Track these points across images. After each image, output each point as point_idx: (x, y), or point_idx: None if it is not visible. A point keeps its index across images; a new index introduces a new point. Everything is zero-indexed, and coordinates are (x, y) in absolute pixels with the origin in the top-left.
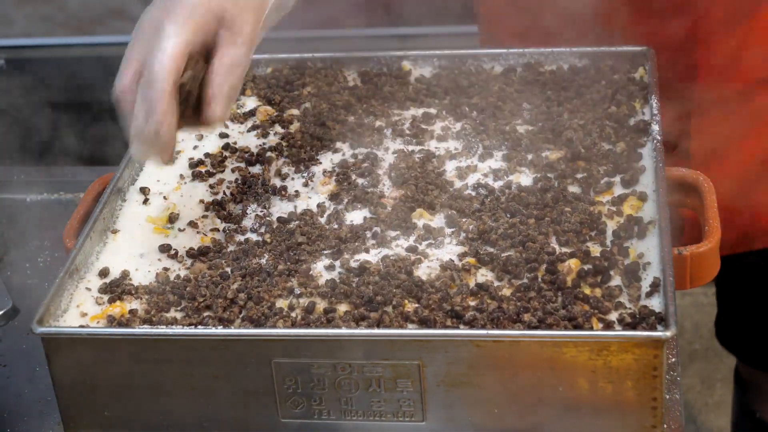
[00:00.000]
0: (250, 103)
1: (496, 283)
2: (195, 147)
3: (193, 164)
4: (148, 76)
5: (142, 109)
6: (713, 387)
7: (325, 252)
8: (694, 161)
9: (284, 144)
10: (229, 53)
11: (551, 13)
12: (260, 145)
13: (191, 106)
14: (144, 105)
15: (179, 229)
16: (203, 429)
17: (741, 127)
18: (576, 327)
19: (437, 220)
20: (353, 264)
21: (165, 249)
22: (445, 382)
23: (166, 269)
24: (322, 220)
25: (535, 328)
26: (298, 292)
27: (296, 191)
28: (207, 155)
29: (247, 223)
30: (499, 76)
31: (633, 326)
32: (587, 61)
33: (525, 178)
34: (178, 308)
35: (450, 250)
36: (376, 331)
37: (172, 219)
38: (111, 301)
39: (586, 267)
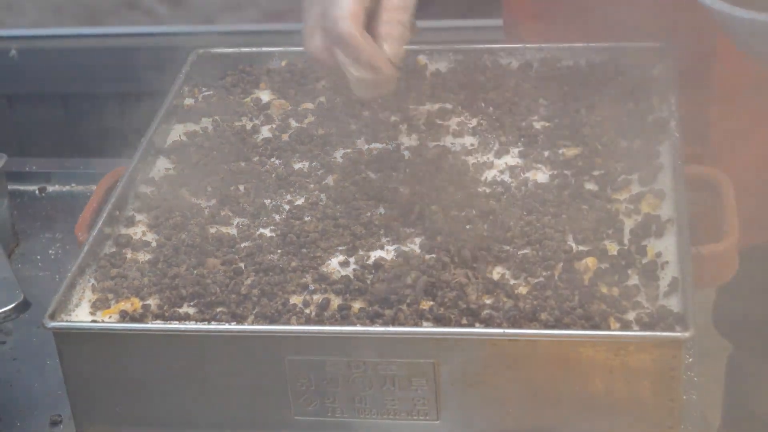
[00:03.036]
0: (265, 96)
1: (512, 281)
2: (208, 139)
3: (207, 156)
4: (337, 31)
5: (348, 61)
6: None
7: (340, 248)
8: (712, 150)
9: (298, 138)
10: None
11: None
12: (274, 139)
13: None
14: (349, 55)
15: (192, 222)
16: (215, 426)
17: (762, 115)
18: (593, 326)
19: (452, 217)
20: (368, 260)
21: (178, 243)
22: (460, 381)
23: (178, 264)
24: (337, 215)
25: (552, 327)
26: (312, 288)
27: (310, 186)
28: (220, 145)
29: (261, 218)
30: (516, 71)
31: (651, 326)
32: (605, 57)
33: (541, 175)
34: (191, 303)
35: (465, 248)
36: (390, 329)
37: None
38: (123, 295)
39: (603, 266)
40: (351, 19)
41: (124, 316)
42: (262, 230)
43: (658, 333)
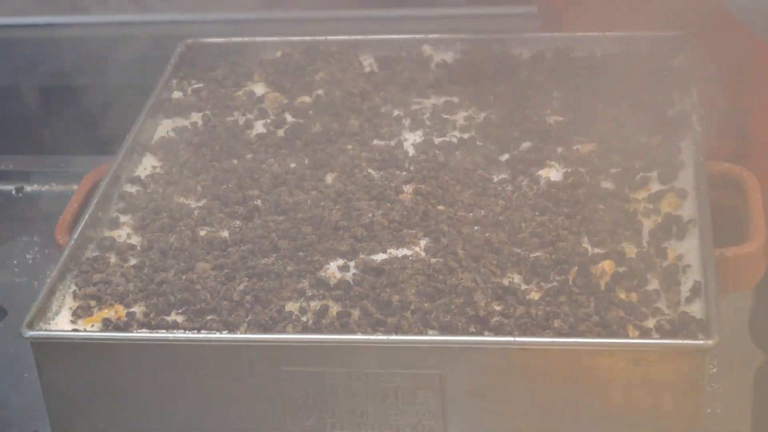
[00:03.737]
0: (258, 89)
1: (523, 286)
2: (198, 135)
3: (197, 153)
4: None
5: None
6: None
7: (339, 251)
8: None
9: (295, 134)
10: None
11: None
12: (268, 135)
13: None
14: None
15: (180, 224)
16: None
17: None
18: (610, 334)
19: (460, 218)
20: (369, 264)
21: (166, 246)
22: (469, 393)
23: (166, 268)
24: (336, 217)
25: (566, 335)
26: (310, 294)
27: (307, 185)
28: (211, 141)
29: (255, 219)
30: (527, 62)
31: (672, 334)
32: (622, 47)
33: (555, 173)
34: (180, 311)
35: (473, 250)
36: (393, 337)
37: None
38: (106, 302)
39: (620, 269)
40: None
41: (108, 324)
42: (255, 232)
43: (680, 341)
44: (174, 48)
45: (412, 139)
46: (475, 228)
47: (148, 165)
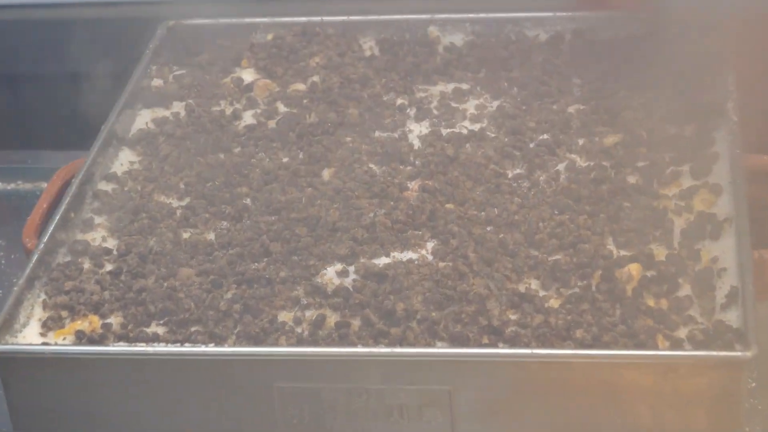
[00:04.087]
0: (247, 76)
1: (541, 293)
2: (181, 127)
3: (179, 147)
4: None
5: None
6: None
7: (337, 255)
8: None
9: (288, 125)
10: None
11: None
12: (258, 126)
13: None
14: None
15: (161, 225)
16: None
17: None
18: (638, 345)
19: (471, 217)
20: (370, 269)
21: (145, 250)
22: (481, 411)
23: (145, 275)
24: (333, 217)
25: (589, 346)
26: (305, 302)
27: (302, 182)
28: (195, 133)
29: (244, 220)
30: (545, 45)
31: (706, 345)
32: (649, 28)
33: (576, 167)
34: (161, 322)
35: (486, 253)
36: (398, 350)
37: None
38: (80, 312)
39: (649, 273)
40: None
41: (81, 337)
42: (244, 234)
43: (715, 352)
44: (154, 30)
45: (417, 131)
46: (488, 229)
47: (125, 160)
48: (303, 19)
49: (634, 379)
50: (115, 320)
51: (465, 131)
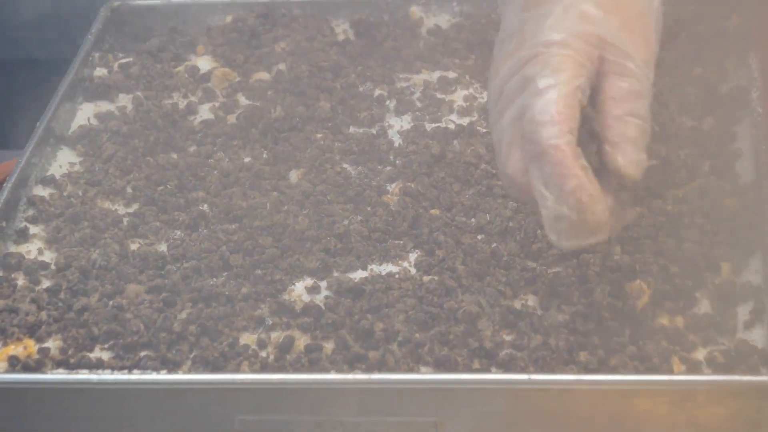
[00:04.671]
0: (203, 64)
1: (539, 311)
2: (127, 123)
3: (126, 146)
4: (535, 141)
5: (545, 189)
6: None
7: (307, 268)
8: None
9: (250, 121)
10: (623, 83)
11: None
12: (217, 121)
13: None
14: (546, 182)
15: (106, 236)
16: None
17: None
18: (650, 370)
19: (459, 224)
20: (345, 285)
21: (88, 264)
22: None
23: (88, 292)
24: (302, 225)
25: (595, 371)
26: (270, 323)
27: (266, 185)
28: (144, 130)
29: (200, 229)
30: None
31: (727, 368)
32: (663, 9)
33: None
34: (106, 346)
35: (477, 266)
36: (376, 376)
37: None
38: (13, 336)
39: (662, 287)
40: (558, 123)
41: (15, 363)
42: (201, 245)
43: (737, 377)
44: (96, 12)
45: (398, 126)
46: (479, 237)
47: (64, 161)
48: None
49: (646, 408)
50: (53, 344)
51: (452, 126)
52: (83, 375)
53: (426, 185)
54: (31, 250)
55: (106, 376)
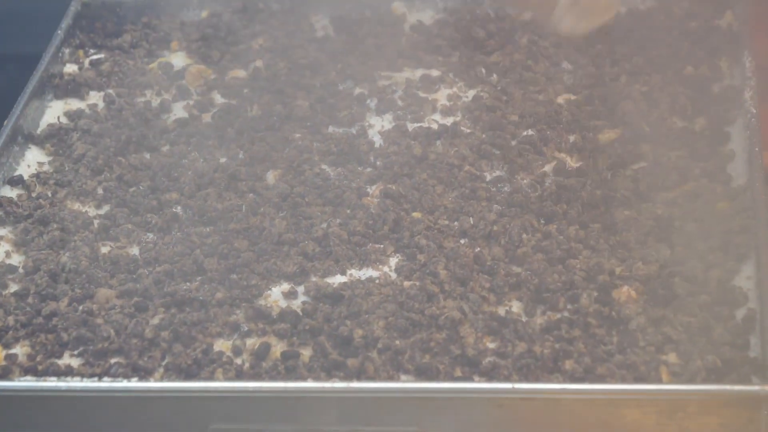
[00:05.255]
0: (177, 60)
1: (524, 317)
2: (99, 122)
3: (97, 146)
4: None
5: None
6: None
7: (284, 273)
8: None
9: (225, 119)
10: None
11: None
12: (191, 120)
13: None
14: None
15: (76, 238)
16: None
17: None
18: (638, 379)
19: (442, 228)
20: (323, 290)
21: (57, 268)
22: None
23: (57, 297)
24: (280, 228)
25: (581, 380)
26: (245, 329)
27: (242, 186)
28: (116, 129)
29: (173, 232)
30: (530, 23)
31: (719, 378)
32: (653, 3)
33: (565, 169)
34: (75, 352)
35: (459, 270)
36: (355, 385)
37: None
38: None
39: (651, 294)
40: None
41: None
42: (174, 249)
43: (729, 387)
44: (66, 6)
45: (379, 125)
46: (462, 241)
47: (32, 161)
48: None
49: (633, 418)
50: (21, 350)
51: (435, 126)
52: (52, 382)
53: (407, 187)
54: None
55: (75, 383)
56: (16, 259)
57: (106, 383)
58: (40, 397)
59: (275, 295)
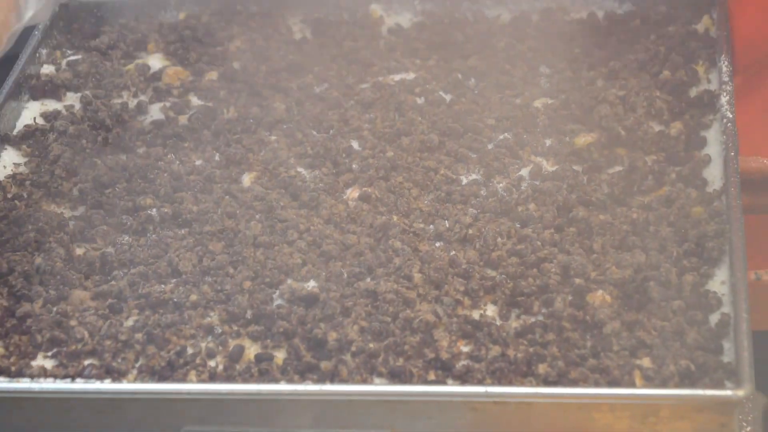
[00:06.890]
0: (155, 62)
1: (498, 321)
2: (75, 123)
3: (73, 147)
4: None
5: None
6: None
7: (259, 275)
8: None
9: (202, 121)
10: None
11: None
12: (168, 122)
13: None
14: None
15: (51, 240)
16: None
17: None
18: (611, 383)
19: (417, 231)
20: (297, 292)
21: (31, 269)
22: None
23: (31, 298)
24: (255, 230)
25: (554, 383)
26: (219, 331)
27: (217, 189)
28: (92, 130)
29: (148, 234)
30: (507, 27)
31: (692, 382)
32: (631, 7)
33: (542, 173)
34: (49, 354)
35: (434, 274)
36: (329, 387)
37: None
38: None
39: (625, 298)
40: None
41: None
42: (149, 251)
43: (702, 391)
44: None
45: (356, 127)
46: (437, 245)
47: (8, 161)
48: None
49: (606, 422)
50: None
51: (412, 129)
52: (25, 383)
53: (383, 190)
54: None
55: (48, 384)
56: None
57: (79, 384)
58: (13, 398)
59: (249, 298)
